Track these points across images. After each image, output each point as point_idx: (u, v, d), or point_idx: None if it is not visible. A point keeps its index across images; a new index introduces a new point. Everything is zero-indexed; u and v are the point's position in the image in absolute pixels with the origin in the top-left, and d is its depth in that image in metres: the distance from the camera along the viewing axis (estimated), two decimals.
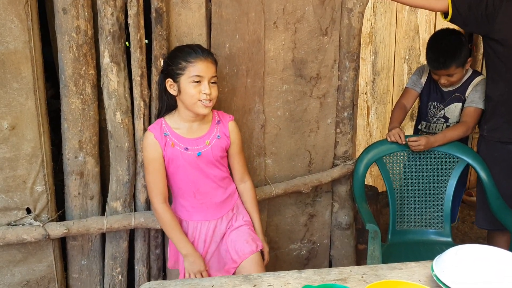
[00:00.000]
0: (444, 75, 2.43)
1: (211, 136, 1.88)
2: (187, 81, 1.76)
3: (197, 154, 1.84)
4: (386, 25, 3.69)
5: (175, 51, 1.83)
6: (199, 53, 1.77)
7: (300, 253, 2.55)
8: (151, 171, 1.84)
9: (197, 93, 1.76)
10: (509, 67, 2.20)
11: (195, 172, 1.86)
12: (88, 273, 2.08)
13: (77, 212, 1.98)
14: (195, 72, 1.75)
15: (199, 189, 1.88)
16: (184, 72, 1.76)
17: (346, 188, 2.52)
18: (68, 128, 1.88)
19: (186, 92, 1.77)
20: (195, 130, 1.87)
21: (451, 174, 2.42)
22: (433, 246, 2.34)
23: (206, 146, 1.86)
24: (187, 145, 1.84)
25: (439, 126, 2.56)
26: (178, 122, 1.86)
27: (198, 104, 1.78)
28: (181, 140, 1.84)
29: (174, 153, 1.83)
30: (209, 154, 1.86)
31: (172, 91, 1.81)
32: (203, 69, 1.76)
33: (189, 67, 1.75)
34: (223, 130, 1.91)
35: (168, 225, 1.86)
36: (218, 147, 1.88)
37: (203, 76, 1.76)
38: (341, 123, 2.42)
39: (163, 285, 1.34)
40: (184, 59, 1.76)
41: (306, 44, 2.23)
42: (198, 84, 1.76)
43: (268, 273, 1.40)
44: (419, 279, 1.37)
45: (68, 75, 1.82)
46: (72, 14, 1.76)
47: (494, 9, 2.14)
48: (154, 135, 1.82)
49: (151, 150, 1.83)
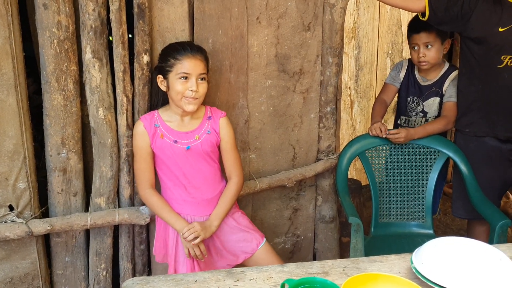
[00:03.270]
0: (424, 42, 2.41)
1: (201, 131, 1.91)
2: (174, 78, 1.81)
3: (186, 148, 1.87)
4: (369, 20, 3.71)
5: (166, 48, 1.88)
6: (188, 51, 1.81)
7: (285, 246, 2.58)
8: (138, 159, 1.91)
9: (184, 90, 1.80)
10: (483, 65, 2.24)
11: (185, 165, 1.89)
12: (72, 269, 2.08)
13: (61, 209, 1.97)
14: (182, 69, 1.80)
15: (190, 182, 1.91)
16: (172, 69, 1.81)
17: (330, 182, 2.55)
18: (50, 124, 1.87)
19: (174, 88, 1.82)
20: (186, 124, 1.91)
21: (432, 167, 2.46)
22: (415, 238, 2.38)
23: (195, 141, 1.89)
24: (176, 138, 1.88)
25: (418, 120, 2.60)
26: (171, 115, 1.91)
27: (183, 100, 1.82)
28: (170, 133, 1.88)
29: (163, 145, 1.87)
30: (198, 149, 1.89)
31: (162, 87, 1.87)
32: (190, 66, 1.80)
33: (177, 64, 1.80)
34: (213, 126, 1.94)
35: (157, 206, 1.90)
36: (208, 142, 1.91)
37: (190, 73, 1.80)
38: (324, 117, 2.45)
39: (146, 280, 1.34)
40: (172, 56, 1.81)
41: (289, 40, 2.24)
42: (185, 81, 1.80)
43: (250, 267, 1.41)
44: (399, 271, 1.40)
45: (49, 71, 1.81)
46: (53, 9, 1.75)
47: (469, 8, 2.18)
48: (144, 124, 1.87)
49: (139, 139, 1.88)
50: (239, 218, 2.04)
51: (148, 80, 1.94)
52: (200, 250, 1.87)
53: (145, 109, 1.96)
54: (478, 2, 2.17)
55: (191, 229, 1.84)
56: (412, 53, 2.50)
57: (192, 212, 1.93)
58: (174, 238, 1.94)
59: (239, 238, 2.00)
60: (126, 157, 1.97)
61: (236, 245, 2.00)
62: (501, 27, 2.14)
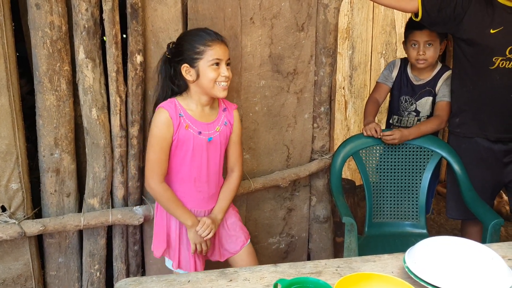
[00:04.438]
0: (425, 40, 2.41)
1: (220, 122, 1.89)
2: (206, 65, 1.75)
3: (208, 139, 1.83)
4: (363, 20, 3.72)
5: (188, 36, 1.81)
6: (214, 36, 1.77)
7: (279, 246, 2.58)
8: (156, 149, 1.79)
9: (217, 76, 1.76)
10: (475, 66, 2.25)
11: (202, 158, 1.85)
12: (65, 270, 2.07)
13: (54, 210, 1.96)
14: (214, 56, 1.75)
15: (200, 176, 1.87)
16: (203, 56, 1.75)
17: (324, 182, 2.55)
18: (43, 125, 1.87)
19: (206, 76, 1.75)
20: (206, 115, 1.86)
21: (426, 167, 2.47)
22: (409, 238, 2.39)
23: (216, 132, 1.86)
24: (200, 129, 1.82)
25: (411, 120, 2.60)
26: (191, 105, 1.83)
27: (216, 87, 1.77)
28: (194, 123, 1.82)
29: (187, 136, 1.80)
30: (217, 141, 1.87)
31: (188, 76, 1.78)
32: (221, 51, 1.76)
33: (208, 51, 1.74)
34: (229, 118, 1.91)
35: (171, 202, 1.84)
36: (224, 134, 1.89)
37: (221, 59, 1.77)
38: (318, 118, 2.45)
39: (139, 281, 1.34)
40: (201, 43, 1.75)
41: (282, 40, 2.24)
42: (217, 67, 1.76)
43: (244, 267, 1.41)
44: (392, 271, 1.40)
45: (42, 71, 1.80)
46: (46, 9, 1.74)
47: (462, 10, 2.19)
48: (170, 113, 1.77)
49: (163, 129, 1.77)
50: (231, 217, 2.01)
51: (141, 81, 1.93)
52: (206, 245, 1.88)
53: (139, 109, 1.95)
54: (471, 4, 2.18)
55: (204, 225, 1.83)
56: (410, 50, 2.48)
57: (194, 206, 1.90)
58: (177, 233, 1.90)
59: (227, 236, 1.98)
60: (119, 158, 1.96)
61: (223, 241, 1.98)
62: (493, 29, 2.16)
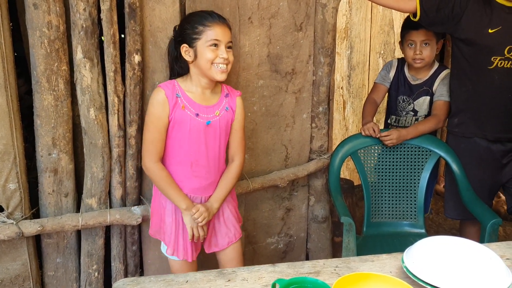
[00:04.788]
0: (422, 40, 2.41)
1: (221, 107, 1.87)
2: (204, 45, 1.74)
3: (206, 123, 1.82)
4: (362, 20, 3.72)
5: (190, 16, 1.82)
6: (216, 18, 1.76)
7: (278, 246, 2.58)
8: (152, 129, 1.80)
9: (214, 57, 1.75)
10: (474, 66, 2.25)
11: (199, 142, 1.83)
12: (64, 270, 2.07)
13: (52, 210, 1.96)
14: (212, 36, 1.74)
15: (198, 160, 1.85)
16: (201, 36, 1.74)
17: (322, 182, 2.55)
18: (41, 124, 1.86)
19: (203, 56, 1.75)
20: (206, 98, 1.85)
21: (424, 166, 2.47)
22: (407, 238, 2.38)
23: (215, 117, 1.84)
24: (198, 111, 1.81)
25: (409, 119, 2.61)
26: (190, 87, 1.83)
27: (213, 69, 1.76)
28: (192, 105, 1.81)
29: (183, 117, 1.79)
30: (216, 125, 1.85)
31: (187, 57, 1.78)
32: (220, 33, 1.75)
33: (207, 31, 1.74)
34: (231, 104, 1.90)
35: (165, 182, 1.82)
36: (225, 120, 1.87)
37: (220, 40, 1.75)
38: (317, 117, 2.45)
39: (137, 281, 1.34)
40: (201, 23, 1.74)
41: (281, 40, 2.24)
42: (215, 49, 1.75)
43: (242, 267, 1.41)
44: (390, 270, 1.40)
45: (40, 71, 1.80)
46: (43, 9, 1.74)
47: (460, 10, 2.19)
48: (166, 92, 1.77)
49: (158, 108, 1.77)
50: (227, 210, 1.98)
51: (139, 80, 1.93)
52: (203, 231, 1.85)
53: (137, 109, 1.95)
54: (469, 4, 2.18)
55: (197, 211, 1.80)
56: (407, 50, 2.49)
57: (191, 191, 1.87)
58: (173, 218, 1.88)
59: (218, 229, 1.96)
60: (117, 158, 1.96)
61: (213, 234, 1.96)
62: (491, 29, 2.16)
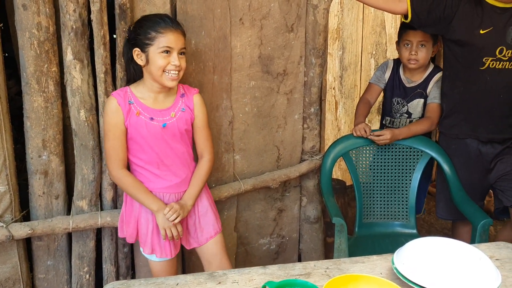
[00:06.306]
0: (419, 40, 2.42)
1: (176, 108, 1.86)
2: (156, 52, 1.73)
3: (162, 125, 1.81)
4: (353, 20, 3.73)
5: (143, 20, 1.78)
6: (169, 24, 1.74)
7: (270, 247, 2.58)
8: (111, 137, 1.79)
9: (166, 65, 1.73)
10: (466, 67, 2.26)
11: (160, 144, 1.82)
12: (54, 273, 2.05)
13: (42, 212, 1.95)
14: (164, 43, 1.72)
15: (163, 160, 1.85)
16: (153, 42, 1.72)
17: (314, 183, 2.56)
18: (31, 126, 1.85)
19: (154, 63, 1.73)
20: (160, 102, 1.84)
21: (416, 167, 2.48)
22: (399, 238, 2.39)
23: (171, 118, 1.83)
24: (152, 115, 1.80)
25: (403, 121, 2.62)
26: (144, 92, 1.82)
27: (164, 76, 1.75)
28: (146, 110, 1.80)
29: (139, 122, 1.79)
30: (174, 126, 1.84)
31: (139, 61, 1.77)
32: (173, 39, 1.73)
33: (159, 37, 1.72)
34: (188, 103, 1.89)
35: (132, 187, 1.82)
36: (183, 120, 1.86)
37: (172, 48, 1.73)
38: (308, 118, 2.45)
39: (127, 284, 1.33)
40: (153, 29, 1.72)
41: (272, 41, 2.24)
42: (167, 55, 1.73)
43: (233, 270, 1.41)
44: (380, 272, 1.41)
45: (30, 72, 1.79)
46: (33, 10, 1.72)
47: (451, 11, 2.19)
48: (118, 100, 1.77)
49: (113, 116, 1.77)
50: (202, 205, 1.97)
51: None
52: (177, 230, 1.83)
53: None
54: (460, 5, 2.18)
55: (171, 209, 1.79)
56: (403, 50, 2.49)
57: (164, 189, 1.87)
58: (149, 222, 1.86)
59: (194, 225, 1.95)
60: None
61: (190, 230, 1.95)
62: (482, 29, 2.16)
